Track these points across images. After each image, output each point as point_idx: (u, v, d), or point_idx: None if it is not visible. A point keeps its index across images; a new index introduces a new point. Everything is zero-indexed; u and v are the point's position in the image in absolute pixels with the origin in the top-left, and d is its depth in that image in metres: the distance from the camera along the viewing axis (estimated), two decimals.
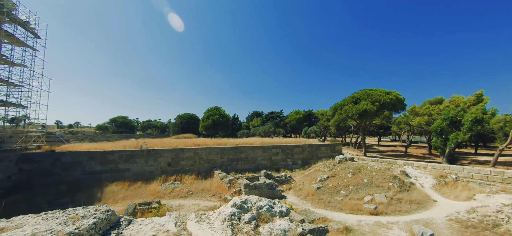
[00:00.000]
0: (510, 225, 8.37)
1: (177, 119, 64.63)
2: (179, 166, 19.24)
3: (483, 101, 21.63)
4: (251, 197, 4.52)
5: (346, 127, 34.12)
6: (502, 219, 8.65)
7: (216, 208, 12.57)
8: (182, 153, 19.50)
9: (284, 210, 4.29)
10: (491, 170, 13.35)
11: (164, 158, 18.82)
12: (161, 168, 18.61)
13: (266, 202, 4.41)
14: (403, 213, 11.19)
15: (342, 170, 17.38)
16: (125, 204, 13.07)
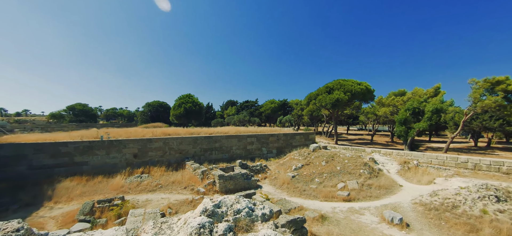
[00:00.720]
0: (467, 206, 9.11)
1: (146, 107, 60.44)
2: (147, 158, 17.77)
3: (440, 93, 23.91)
4: (226, 199, 3.84)
5: (319, 116, 35.18)
6: (460, 201, 9.39)
7: (187, 202, 11.78)
8: (150, 143, 18.00)
9: (267, 212, 3.73)
10: (446, 155, 14.66)
11: (129, 149, 17.15)
12: (126, 160, 16.97)
13: (245, 204, 3.73)
14: (374, 198, 11.66)
15: (316, 158, 17.69)
16: (81, 202, 11.53)
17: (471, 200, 9.18)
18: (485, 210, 8.64)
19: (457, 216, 8.92)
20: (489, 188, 9.21)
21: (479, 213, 8.67)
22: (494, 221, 8.17)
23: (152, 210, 8.65)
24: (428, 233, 8.44)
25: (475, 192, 9.41)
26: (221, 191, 13.58)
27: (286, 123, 37.92)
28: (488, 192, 9.06)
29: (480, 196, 9.14)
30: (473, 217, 8.61)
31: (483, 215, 8.52)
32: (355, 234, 8.54)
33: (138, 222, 7.51)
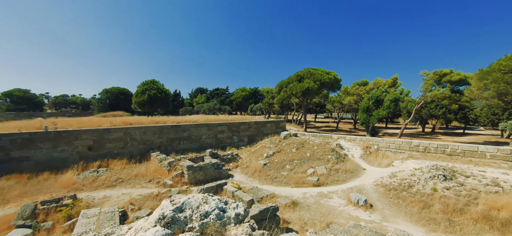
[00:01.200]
0: (420, 185, 10.07)
1: (103, 94, 54.58)
2: (105, 150, 15.98)
3: (397, 84, 26.28)
4: (191, 199, 3.19)
5: (289, 104, 35.91)
6: (415, 181, 10.35)
7: (153, 196, 10.91)
8: (109, 133, 16.18)
9: (241, 211, 3.27)
10: (402, 140, 16.14)
11: (82, 141, 15.17)
12: (79, 153, 15.01)
13: (215, 205, 3.13)
14: (341, 182, 12.25)
15: (287, 145, 17.95)
16: (20, 204, 9.82)
17: (424, 179, 10.16)
18: (435, 188, 9.64)
19: (412, 194, 9.81)
20: (438, 168, 10.30)
21: (430, 191, 9.64)
22: (442, 197, 9.15)
23: (109, 209, 7.70)
24: (388, 212, 9.13)
25: (427, 172, 10.44)
26: (191, 183, 12.91)
27: (257, 111, 37.87)
28: (437, 172, 10.12)
29: (431, 176, 10.16)
30: (425, 195, 9.54)
31: (434, 193, 9.50)
32: (324, 218, 8.81)
33: (91, 225, 6.58)
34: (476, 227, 7.64)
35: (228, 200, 3.44)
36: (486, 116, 21.43)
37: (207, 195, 3.34)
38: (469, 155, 12.90)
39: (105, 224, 6.67)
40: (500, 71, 14.04)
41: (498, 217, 7.73)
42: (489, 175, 9.81)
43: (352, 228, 7.34)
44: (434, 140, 23.32)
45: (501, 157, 11.85)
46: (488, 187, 9.05)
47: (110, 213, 7.47)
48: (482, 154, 12.45)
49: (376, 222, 8.46)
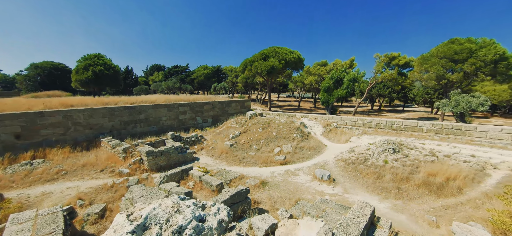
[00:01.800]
0: (374, 158, 11.16)
1: (32, 69, 45.25)
2: (39, 137, 13.40)
3: (354, 65, 28.34)
4: (157, 209, 2.45)
5: (253, 83, 35.61)
6: (369, 155, 11.41)
7: (107, 187, 9.68)
8: (42, 118, 13.51)
9: (224, 216, 2.71)
10: (357, 118, 17.63)
11: (6, 128, 12.35)
12: (2, 142, 12.24)
13: (191, 213, 2.46)
14: (305, 159, 12.81)
15: (253, 125, 17.86)
16: None
17: (377, 153, 11.27)
18: (386, 160, 10.79)
19: (368, 167, 10.82)
20: (388, 142, 11.53)
21: (382, 163, 10.76)
22: (392, 168, 10.31)
23: (50, 209, 6.44)
24: (349, 184, 9.93)
25: (380, 146, 11.59)
26: (152, 169, 11.87)
27: (221, 90, 36.61)
28: (388, 146, 11.31)
29: (383, 149, 11.32)
30: (378, 167, 10.62)
31: (385, 164, 10.63)
32: (293, 195, 9.11)
33: (25, 232, 5.39)
34: (419, 192, 8.85)
35: (206, 203, 2.93)
36: (421, 96, 25.13)
37: (178, 200, 2.76)
38: (410, 130, 14.85)
39: (45, 230, 5.54)
40: (437, 57, 16.26)
41: (435, 182, 9.08)
42: (427, 146, 11.41)
43: (319, 203, 7.73)
44: (381, 116, 26.31)
45: (435, 131, 13.95)
46: (427, 157, 10.52)
47: (51, 214, 6.25)
48: (421, 128, 14.47)
49: (339, 195, 9.11)
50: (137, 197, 6.89)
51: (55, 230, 5.56)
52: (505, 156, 9.93)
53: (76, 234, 6.88)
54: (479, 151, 10.84)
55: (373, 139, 14.02)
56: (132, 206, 7.08)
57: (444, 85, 17.60)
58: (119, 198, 9.02)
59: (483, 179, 9.02)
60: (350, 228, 5.58)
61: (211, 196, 9.06)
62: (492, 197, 7.97)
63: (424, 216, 7.42)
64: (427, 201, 8.39)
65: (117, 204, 8.56)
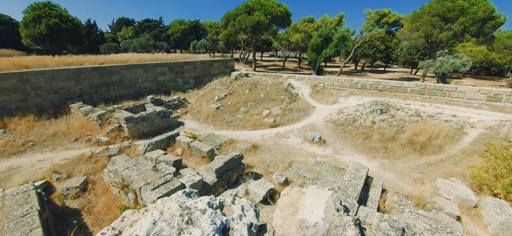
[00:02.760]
0: (362, 119, 11.33)
1: None
2: None
3: (342, 22, 27.23)
4: (159, 222, 1.69)
5: (236, 41, 33.35)
6: (358, 116, 11.55)
7: (85, 158, 8.87)
8: None
9: (251, 218, 2.00)
10: (344, 78, 17.55)
11: None
12: None
13: (210, 222, 1.78)
14: (295, 121, 12.71)
15: (239, 86, 17.07)
16: None
17: (365, 114, 11.42)
18: (374, 121, 11.01)
19: (356, 127, 11.01)
20: (377, 103, 11.67)
21: (370, 124, 10.99)
22: (379, 128, 10.58)
23: (20, 188, 5.67)
24: (338, 145, 10.11)
25: (368, 107, 11.71)
26: (133, 136, 11.05)
27: (201, 49, 33.94)
28: (376, 107, 11.46)
29: (371, 110, 11.46)
30: (366, 127, 10.84)
31: (373, 125, 10.87)
32: (285, 158, 9.08)
33: None
34: (404, 150, 9.26)
35: (223, 201, 2.33)
36: (404, 57, 25.51)
37: (187, 200, 2.05)
38: (395, 90, 15.18)
39: (16, 212, 4.87)
40: (429, 14, 15.99)
41: (418, 141, 9.52)
42: (413, 107, 11.75)
43: (314, 165, 7.76)
44: (365, 77, 26.70)
45: (417, 91, 14.39)
46: (412, 117, 10.87)
47: (21, 194, 5.51)
48: (405, 89, 14.84)
49: (330, 156, 9.26)
50: (121, 169, 6.29)
51: (29, 212, 4.92)
52: (481, 116, 10.59)
53: (57, 210, 6.29)
54: (458, 111, 11.44)
55: (361, 100, 14.17)
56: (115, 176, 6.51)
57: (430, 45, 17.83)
58: (101, 169, 8.35)
59: (461, 138, 9.62)
60: (348, 190, 5.64)
61: (201, 163, 8.72)
62: (469, 154, 8.57)
63: (410, 174, 7.83)
64: (412, 159, 8.84)
65: (99, 175, 7.93)
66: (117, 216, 6.18)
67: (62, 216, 6.17)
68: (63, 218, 6.08)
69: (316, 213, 4.04)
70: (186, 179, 6.02)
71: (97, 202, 6.71)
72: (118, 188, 6.41)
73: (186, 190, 2.41)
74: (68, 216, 6.21)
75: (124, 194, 6.28)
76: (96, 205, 6.58)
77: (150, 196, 5.27)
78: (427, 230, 4.05)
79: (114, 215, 6.11)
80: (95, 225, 5.90)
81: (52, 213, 6.12)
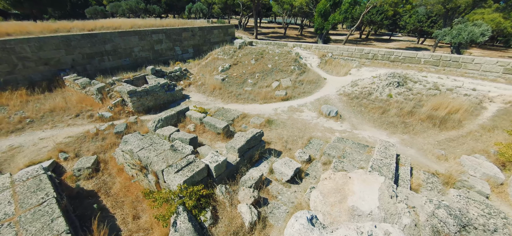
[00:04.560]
0: (378, 92, 10.92)
1: None
2: None
3: None
4: None
5: (234, 5, 30.83)
6: (374, 89, 11.11)
7: (91, 135, 8.33)
8: None
9: None
10: (355, 48, 16.70)
11: None
12: None
13: None
14: (307, 94, 12.21)
15: (244, 56, 16.10)
16: None
17: (381, 87, 10.99)
18: (390, 94, 10.63)
19: (372, 101, 10.65)
20: (394, 76, 11.18)
21: (386, 97, 10.63)
22: (396, 102, 10.24)
23: (29, 173, 5.17)
24: (355, 120, 9.82)
25: (384, 80, 11.24)
26: (138, 111, 10.42)
27: (198, 13, 31.43)
28: (394, 79, 11.00)
29: (388, 83, 11.02)
30: (383, 101, 10.50)
31: (389, 99, 10.51)
32: (302, 133, 8.78)
33: (4, 207, 4.25)
34: (423, 125, 9.06)
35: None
36: (413, 24, 24.33)
37: None
38: (408, 61, 14.59)
39: (31, 200, 4.45)
40: None
41: (438, 115, 9.28)
42: (430, 79, 11.34)
43: (337, 142, 7.48)
44: (370, 45, 25.70)
45: (432, 62, 13.86)
46: (430, 90, 10.51)
47: (32, 179, 5.04)
48: (418, 59, 14.25)
49: (348, 131, 9.00)
50: (136, 150, 5.83)
51: (45, 199, 4.50)
52: (500, 89, 10.33)
53: (72, 192, 5.92)
54: (476, 84, 11.12)
55: (374, 72, 13.61)
56: (131, 157, 6.08)
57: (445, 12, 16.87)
58: (110, 147, 7.87)
59: (480, 112, 9.44)
60: (382, 170, 5.41)
61: (216, 139, 8.32)
62: (490, 129, 8.43)
63: (433, 150, 7.69)
64: (432, 134, 8.68)
65: (109, 154, 7.47)
66: (138, 198, 5.89)
67: (78, 198, 5.83)
68: (80, 201, 5.75)
69: (368, 201, 3.79)
70: (208, 159, 5.64)
71: (113, 183, 6.35)
72: (135, 170, 6.02)
73: (307, 215, 1.99)
74: (85, 198, 5.88)
75: (143, 176, 5.91)
76: (112, 187, 6.23)
77: (174, 179, 4.92)
78: (481, 216, 3.91)
79: (134, 196, 5.81)
80: (116, 207, 5.61)
81: (67, 196, 5.76)
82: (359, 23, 21.64)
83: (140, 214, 5.33)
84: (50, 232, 3.87)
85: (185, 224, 4.19)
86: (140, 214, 5.33)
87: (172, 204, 4.57)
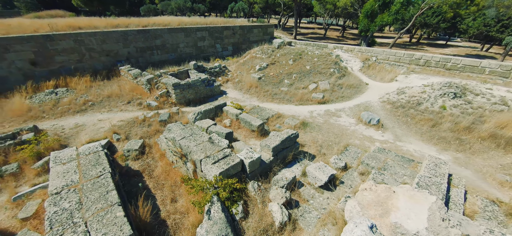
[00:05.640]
0: (429, 103, 9.84)
1: None
2: (55, 64, 12.44)
3: None
4: None
5: (275, 4, 30.89)
6: (424, 98, 10.05)
7: (139, 121, 9.22)
8: (53, 42, 12.19)
9: None
10: (404, 52, 15.27)
11: (19, 54, 11.29)
12: (20, 69, 11.42)
13: None
14: (346, 98, 11.63)
15: (282, 56, 16.04)
16: None
17: (434, 97, 9.88)
18: (444, 106, 9.49)
19: (420, 112, 9.65)
20: (451, 85, 9.94)
21: (439, 109, 9.52)
22: (450, 115, 9.10)
23: (91, 148, 5.98)
24: (399, 131, 9.02)
25: (438, 89, 10.08)
26: (180, 103, 11.20)
27: (240, 13, 32.39)
28: (449, 90, 9.79)
29: (442, 93, 9.85)
30: (434, 113, 9.44)
31: (442, 111, 9.39)
32: (339, 139, 8.40)
33: (71, 174, 4.99)
34: (484, 145, 7.88)
35: None
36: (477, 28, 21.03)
37: None
38: (469, 70, 12.79)
39: (91, 172, 5.14)
40: None
41: (504, 135, 7.97)
42: (496, 93, 9.80)
43: (377, 153, 6.99)
44: (422, 51, 23.23)
45: (499, 73, 11.91)
46: (495, 105, 9.10)
47: (92, 154, 5.82)
48: (482, 69, 12.38)
49: (390, 142, 8.33)
50: (178, 138, 6.29)
51: (102, 173, 5.16)
52: None
53: (122, 170, 6.68)
54: None
55: (425, 80, 12.28)
56: (173, 145, 6.59)
57: None
58: (154, 133, 8.62)
59: None
60: (431, 189, 4.89)
61: (250, 136, 8.49)
62: None
63: (495, 174, 6.66)
64: (494, 156, 7.51)
65: (153, 140, 8.19)
66: (176, 183, 6.36)
67: (126, 176, 6.53)
68: (128, 179, 6.43)
69: (415, 220, 3.48)
70: (243, 154, 5.78)
71: (155, 166, 6.95)
72: (176, 157, 6.50)
73: (367, 223, 2.01)
74: (131, 177, 6.55)
75: (182, 163, 6.35)
76: (155, 169, 6.82)
77: (211, 170, 5.17)
78: None
79: (173, 181, 6.27)
80: (156, 188, 6.12)
81: (118, 173, 6.52)
82: (410, 25, 19.68)
83: (177, 198, 5.74)
84: (105, 202, 4.41)
85: (218, 213, 4.39)
86: (177, 198, 5.74)
87: (207, 193, 4.83)
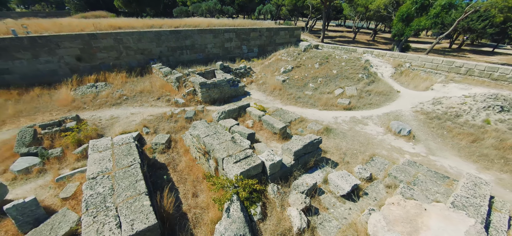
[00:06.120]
0: (469, 115, 8.96)
1: None
2: (97, 61, 13.65)
3: None
4: None
5: (303, 7, 30.50)
6: (464, 110, 9.16)
7: (167, 117, 9.72)
8: (96, 40, 13.39)
9: None
10: (442, 59, 14.07)
11: (67, 50, 12.59)
12: (68, 64, 12.74)
13: None
14: (374, 106, 11.08)
15: (308, 59, 15.79)
16: (18, 125, 8.56)
17: (476, 109, 8.98)
18: (488, 120, 8.57)
19: (459, 125, 8.82)
20: (498, 97, 8.94)
21: (481, 123, 8.62)
22: (495, 131, 8.18)
23: (123, 139, 6.45)
24: (433, 144, 8.34)
25: (482, 101, 9.14)
26: (205, 101, 11.59)
27: (267, 15, 32.58)
28: (495, 102, 8.82)
29: (486, 106, 8.90)
30: (475, 127, 8.56)
31: (486, 125, 8.49)
32: (364, 148, 8.02)
33: (106, 161, 5.44)
34: None
35: None
36: None
37: None
38: None
39: (123, 161, 5.55)
40: None
41: None
42: None
43: (407, 166, 6.53)
44: (464, 58, 21.18)
45: None
46: None
47: (125, 145, 6.27)
48: None
49: (422, 155, 7.74)
50: (203, 136, 6.51)
51: (132, 163, 5.54)
52: None
53: (149, 162, 7.11)
54: None
55: (466, 89, 11.18)
56: (198, 141, 6.85)
57: None
58: (180, 129, 9.03)
59: None
60: (467, 210, 4.44)
61: (272, 138, 8.49)
62: None
63: None
64: None
65: (179, 135, 8.57)
66: (198, 179, 6.60)
67: (152, 167, 6.93)
68: (154, 170, 6.82)
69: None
70: (265, 156, 5.80)
71: (179, 160, 7.27)
72: (200, 153, 6.74)
73: None
74: (157, 169, 6.94)
75: (205, 160, 6.57)
76: (179, 164, 7.14)
77: (232, 168, 5.28)
78: None
79: (195, 176, 6.50)
80: (180, 182, 6.40)
81: (146, 164, 6.96)
82: (451, 30, 18.01)
83: (198, 193, 5.94)
84: (134, 190, 4.73)
85: (237, 212, 4.46)
86: (198, 193, 5.94)
87: (227, 191, 4.93)
